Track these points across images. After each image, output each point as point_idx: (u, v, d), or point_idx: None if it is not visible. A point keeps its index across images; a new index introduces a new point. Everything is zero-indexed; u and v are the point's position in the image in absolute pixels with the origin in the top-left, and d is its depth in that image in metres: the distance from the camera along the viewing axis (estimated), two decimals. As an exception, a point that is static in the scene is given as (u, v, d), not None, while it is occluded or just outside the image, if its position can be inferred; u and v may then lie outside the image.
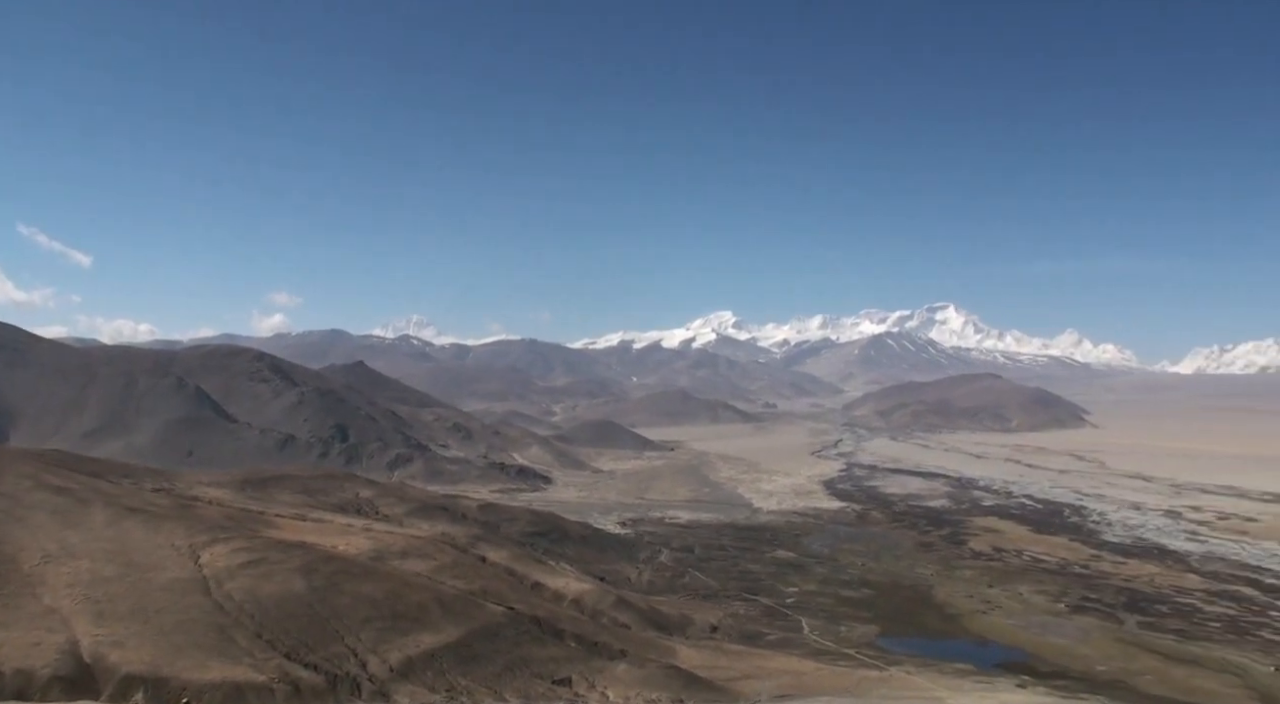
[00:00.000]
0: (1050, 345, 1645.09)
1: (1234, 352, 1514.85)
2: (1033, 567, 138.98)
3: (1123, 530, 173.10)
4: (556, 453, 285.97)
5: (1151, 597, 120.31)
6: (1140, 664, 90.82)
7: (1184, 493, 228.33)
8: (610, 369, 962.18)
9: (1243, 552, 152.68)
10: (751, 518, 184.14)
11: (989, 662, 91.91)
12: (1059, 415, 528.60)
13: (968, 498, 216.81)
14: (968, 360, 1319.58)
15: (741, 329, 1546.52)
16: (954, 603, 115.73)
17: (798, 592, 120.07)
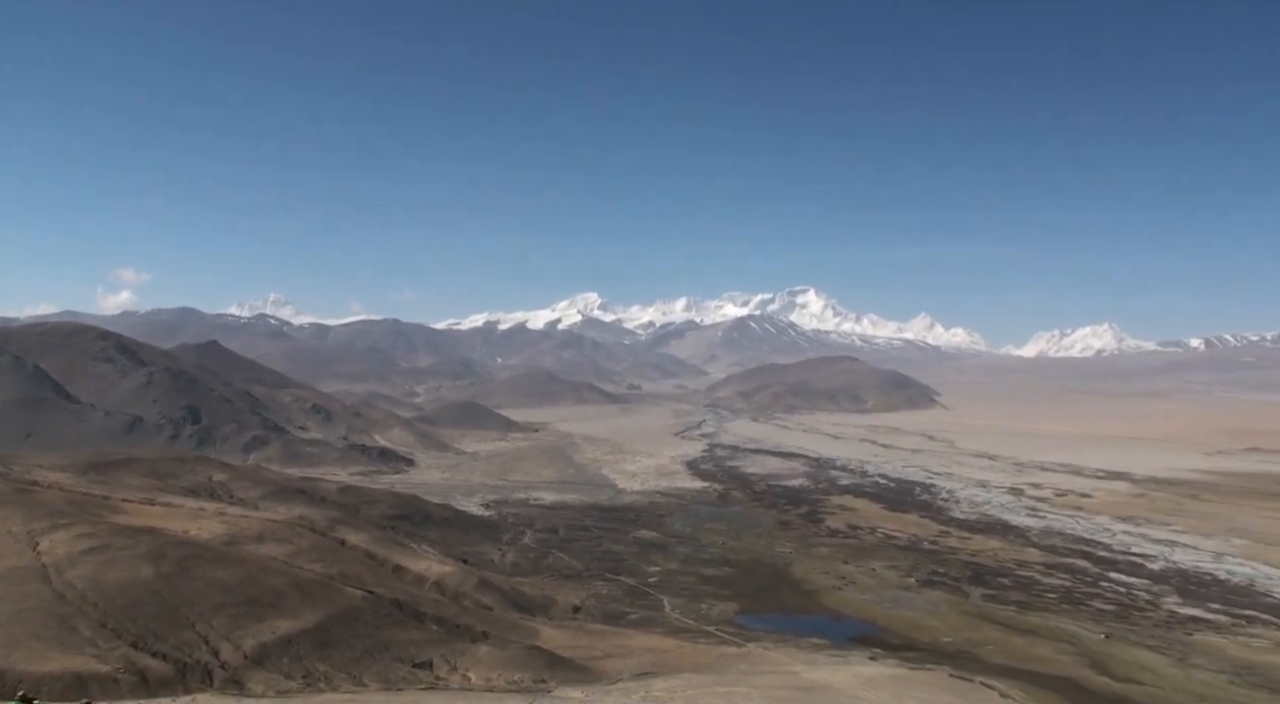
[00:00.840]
0: (905, 329, 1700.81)
1: (1073, 336, 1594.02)
2: (886, 543, 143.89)
3: (969, 507, 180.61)
4: (419, 434, 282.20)
5: (995, 570, 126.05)
6: (983, 635, 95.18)
7: (1026, 471, 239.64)
8: (475, 350, 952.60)
9: (1078, 526, 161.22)
10: (615, 498, 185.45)
11: (843, 636, 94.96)
12: (912, 396, 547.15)
13: (825, 477, 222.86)
14: (827, 343, 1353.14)
15: (607, 311, 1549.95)
16: (811, 579, 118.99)
17: (660, 571, 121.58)
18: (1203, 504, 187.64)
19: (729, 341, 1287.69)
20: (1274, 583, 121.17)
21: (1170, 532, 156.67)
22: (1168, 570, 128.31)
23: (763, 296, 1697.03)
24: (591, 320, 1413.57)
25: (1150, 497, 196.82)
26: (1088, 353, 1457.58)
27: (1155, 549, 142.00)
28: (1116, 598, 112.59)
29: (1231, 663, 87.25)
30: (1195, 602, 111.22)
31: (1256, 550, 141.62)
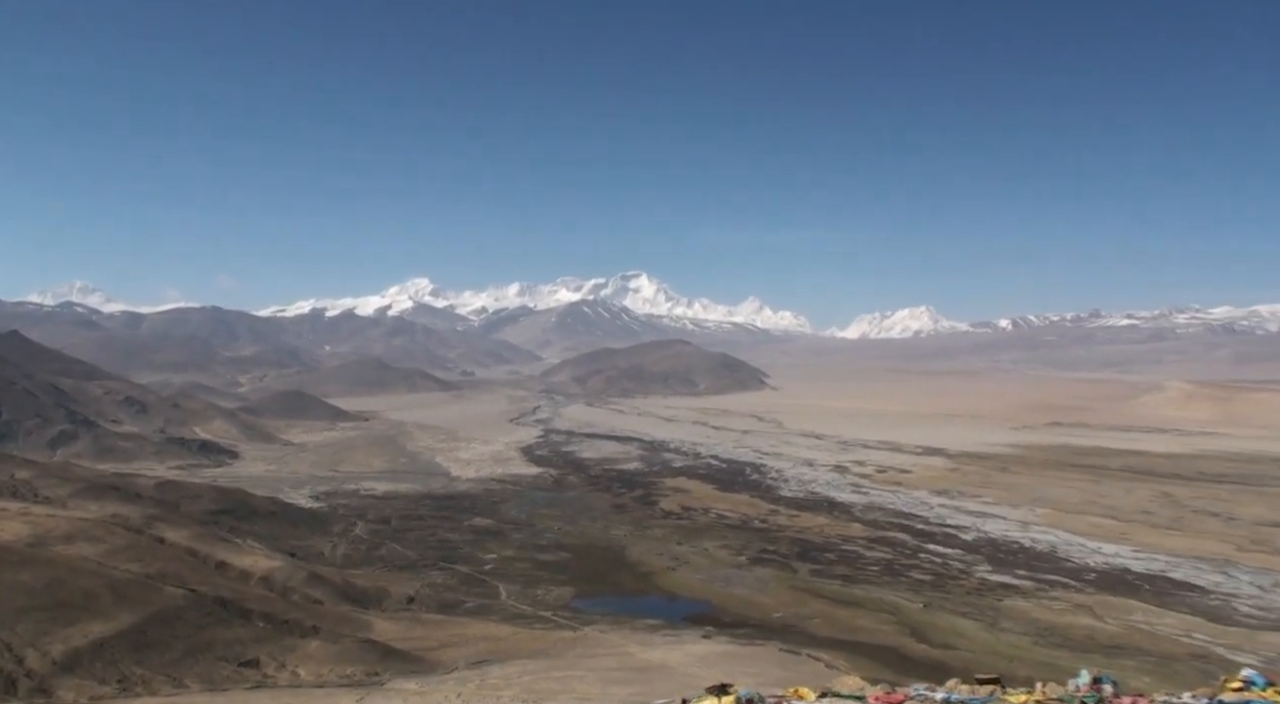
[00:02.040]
0: (734, 312, 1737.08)
1: (893, 318, 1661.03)
2: (718, 523, 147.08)
3: (797, 485, 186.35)
4: (243, 426, 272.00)
5: (821, 546, 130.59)
6: (810, 608, 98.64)
7: (850, 449, 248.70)
8: (301, 338, 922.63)
9: (898, 501, 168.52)
10: (449, 487, 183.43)
11: (678, 615, 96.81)
12: (742, 379, 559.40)
13: (659, 460, 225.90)
14: (659, 327, 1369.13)
15: (439, 297, 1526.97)
16: (646, 561, 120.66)
17: (496, 558, 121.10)
18: (1011, 476, 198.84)
19: (563, 327, 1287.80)
20: (1073, 549, 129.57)
21: (982, 503, 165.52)
22: (979, 540, 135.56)
23: (596, 281, 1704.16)
24: (423, 306, 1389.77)
25: (963, 471, 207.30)
26: (906, 334, 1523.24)
27: (968, 521, 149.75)
28: (933, 568, 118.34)
29: (1036, 625, 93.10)
30: (1004, 569, 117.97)
31: (1058, 518, 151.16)
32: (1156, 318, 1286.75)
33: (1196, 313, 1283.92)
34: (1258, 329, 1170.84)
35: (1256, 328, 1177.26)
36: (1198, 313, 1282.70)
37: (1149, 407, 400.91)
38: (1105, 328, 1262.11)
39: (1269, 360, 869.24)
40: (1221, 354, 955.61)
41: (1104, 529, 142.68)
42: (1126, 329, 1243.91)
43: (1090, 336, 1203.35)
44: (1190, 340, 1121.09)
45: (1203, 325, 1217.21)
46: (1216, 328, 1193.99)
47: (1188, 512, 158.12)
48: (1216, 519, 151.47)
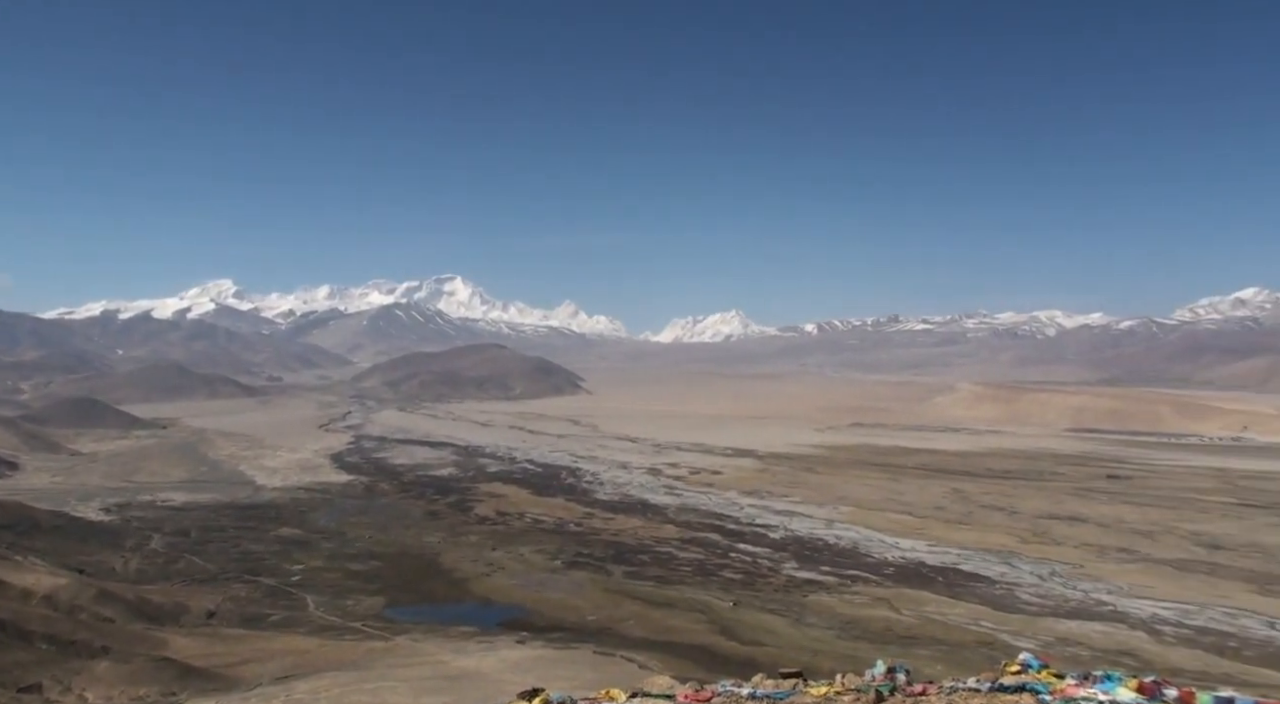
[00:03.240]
0: (550, 316, 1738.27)
1: (705, 322, 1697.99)
2: (533, 528, 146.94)
3: (612, 488, 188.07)
4: (25, 435, 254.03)
5: (635, 548, 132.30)
6: (625, 610, 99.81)
7: (664, 451, 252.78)
8: (92, 341, 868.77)
9: (710, 502, 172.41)
10: (254, 496, 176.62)
11: (492, 621, 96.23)
12: (558, 383, 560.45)
13: (474, 465, 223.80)
14: (475, 331, 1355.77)
15: (243, 299, 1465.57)
16: (460, 568, 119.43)
17: (304, 569, 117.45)
18: (816, 476, 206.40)
19: (375, 330, 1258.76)
20: (873, 544, 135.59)
21: (789, 503, 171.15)
22: (787, 539, 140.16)
23: (409, 284, 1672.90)
24: (226, 309, 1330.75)
25: (772, 471, 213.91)
26: (718, 338, 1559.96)
27: (777, 520, 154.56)
28: (744, 567, 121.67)
29: (839, 619, 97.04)
30: (810, 566, 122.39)
31: (860, 515, 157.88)
32: (949, 323, 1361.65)
33: (984, 318, 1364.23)
34: (1038, 334, 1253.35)
35: (1037, 332, 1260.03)
36: (985, 318, 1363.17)
37: (942, 407, 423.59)
38: (903, 332, 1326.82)
39: (1048, 362, 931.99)
40: (1006, 357, 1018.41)
41: (902, 525, 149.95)
42: (922, 333, 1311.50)
43: (889, 340, 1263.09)
44: (979, 344, 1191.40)
45: (990, 330, 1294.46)
46: (1002, 332, 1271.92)
47: (976, 507, 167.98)
48: (1002, 513, 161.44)
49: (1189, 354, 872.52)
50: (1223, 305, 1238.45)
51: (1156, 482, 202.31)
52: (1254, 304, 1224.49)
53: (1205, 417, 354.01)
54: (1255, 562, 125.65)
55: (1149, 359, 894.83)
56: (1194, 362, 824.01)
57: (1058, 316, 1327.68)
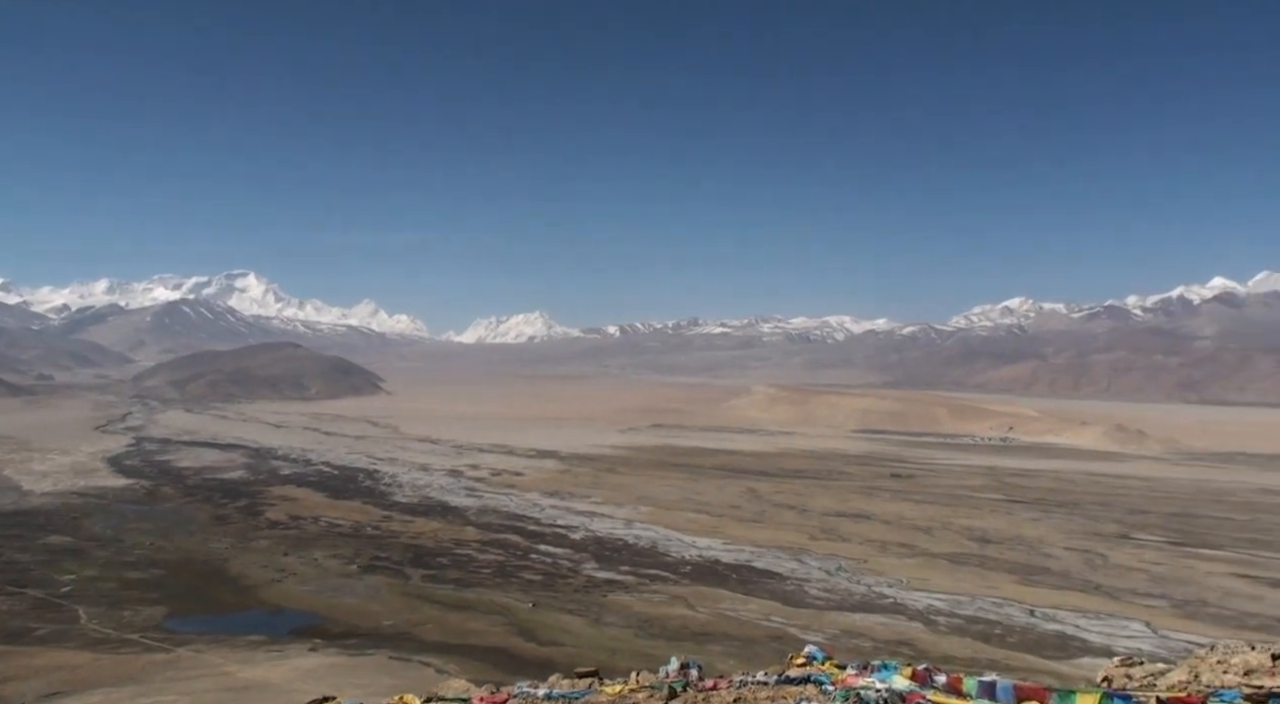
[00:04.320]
0: (349, 315, 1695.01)
1: (509, 323, 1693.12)
2: (329, 532, 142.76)
3: (411, 491, 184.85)
4: None
5: (434, 551, 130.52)
6: (423, 615, 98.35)
7: (465, 453, 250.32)
8: None
9: (511, 503, 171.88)
10: (20, 502, 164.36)
11: (283, 629, 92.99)
12: (356, 383, 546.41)
13: (266, 468, 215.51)
14: (269, 329, 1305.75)
15: (10, 292, 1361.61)
16: (249, 574, 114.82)
17: (75, 579, 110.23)
18: (617, 477, 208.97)
19: (160, 327, 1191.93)
20: (672, 544, 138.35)
21: (590, 504, 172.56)
22: (587, 539, 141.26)
23: (198, 279, 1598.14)
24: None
25: (574, 472, 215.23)
26: (521, 339, 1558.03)
27: (578, 521, 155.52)
28: (544, 568, 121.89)
29: (637, 618, 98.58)
30: (609, 566, 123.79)
31: (659, 515, 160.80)
32: (746, 327, 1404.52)
33: (779, 323, 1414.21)
34: (828, 338, 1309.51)
35: (828, 337, 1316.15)
36: (780, 323, 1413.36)
37: (739, 409, 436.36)
38: (702, 335, 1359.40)
39: (837, 366, 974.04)
40: (799, 360, 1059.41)
41: (699, 524, 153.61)
42: (720, 336, 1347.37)
43: (689, 343, 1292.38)
44: (773, 348, 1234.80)
45: (784, 334, 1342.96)
46: (795, 336, 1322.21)
47: (770, 505, 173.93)
48: (793, 512, 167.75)
49: (964, 359, 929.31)
50: (993, 313, 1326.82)
51: (934, 480, 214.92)
52: (1020, 313, 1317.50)
53: (977, 418, 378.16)
54: (1019, 554, 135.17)
55: (928, 363, 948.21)
56: (968, 366, 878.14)
57: (846, 322, 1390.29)
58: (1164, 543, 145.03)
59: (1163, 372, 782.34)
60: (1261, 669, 29.35)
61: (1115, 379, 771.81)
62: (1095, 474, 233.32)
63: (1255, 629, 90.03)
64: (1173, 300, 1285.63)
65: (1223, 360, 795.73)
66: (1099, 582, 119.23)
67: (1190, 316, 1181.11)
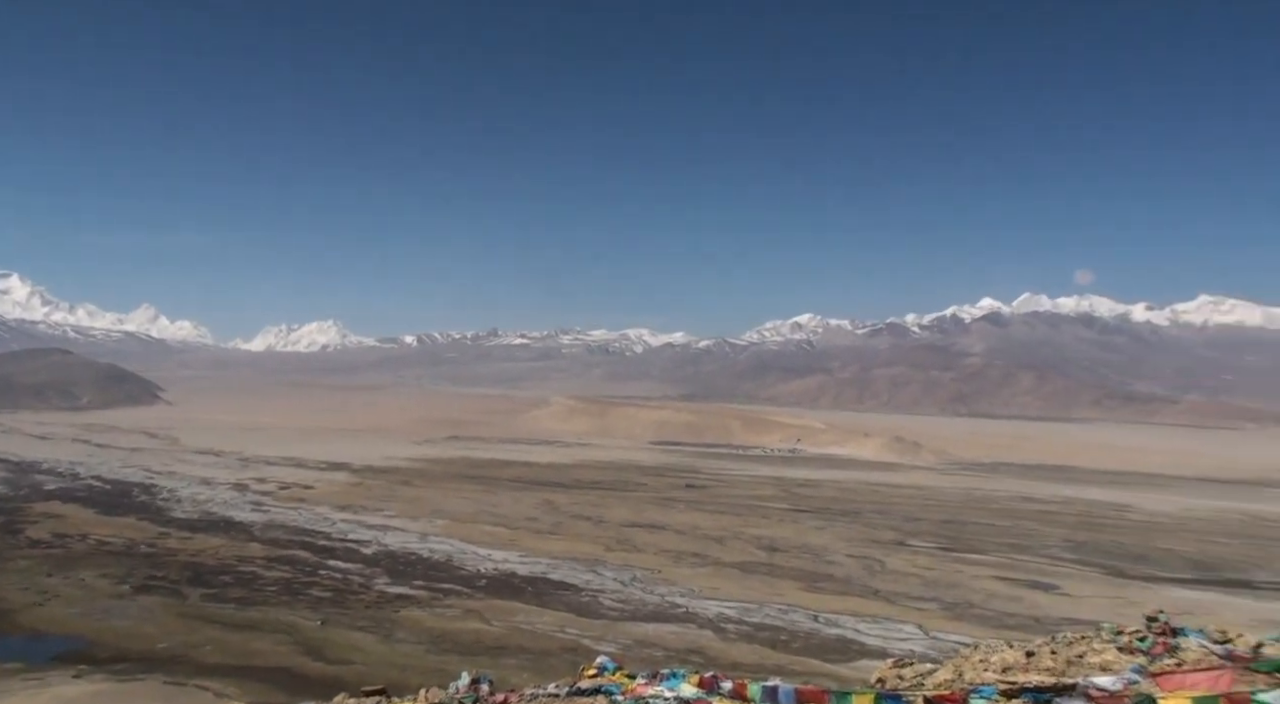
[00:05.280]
0: (126, 320, 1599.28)
1: (300, 331, 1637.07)
2: (98, 550, 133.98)
3: (192, 506, 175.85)
4: None
5: (216, 569, 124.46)
6: (201, 636, 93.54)
7: (252, 465, 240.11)
8: None
9: (300, 518, 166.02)
10: None
11: (44, 656, 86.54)
12: (133, 392, 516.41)
13: (28, 483, 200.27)
14: (34, 334, 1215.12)
15: None
16: (6, 598, 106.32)
17: None
18: (413, 489, 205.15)
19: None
20: (467, 557, 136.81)
21: (384, 517, 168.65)
22: (380, 554, 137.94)
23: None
24: None
25: (367, 485, 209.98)
26: (314, 348, 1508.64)
27: (370, 535, 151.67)
28: (334, 584, 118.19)
29: (430, 633, 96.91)
30: (402, 581, 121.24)
31: (455, 528, 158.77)
32: (545, 338, 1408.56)
33: (579, 335, 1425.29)
34: (627, 351, 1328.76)
35: (626, 350, 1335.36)
36: (580, 335, 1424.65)
37: (538, 420, 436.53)
38: (502, 346, 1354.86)
39: (635, 378, 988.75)
40: (598, 372, 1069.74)
41: (495, 537, 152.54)
42: (520, 348, 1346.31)
43: (489, 354, 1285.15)
44: (573, 359, 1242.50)
45: (583, 346, 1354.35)
46: (595, 348, 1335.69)
47: (567, 517, 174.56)
48: (589, 523, 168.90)
49: (756, 372, 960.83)
50: (783, 328, 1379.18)
51: (727, 490, 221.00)
52: (809, 328, 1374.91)
53: (767, 430, 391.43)
54: (805, 561, 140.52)
55: (723, 376, 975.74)
56: (760, 379, 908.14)
57: (645, 335, 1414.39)
58: (935, 549, 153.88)
59: (937, 386, 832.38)
60: (1017, 665, 31.65)
61: (895, 393, 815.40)
62: (875, 484, 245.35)
63: (1014, 628, 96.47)
64: (946, 319, 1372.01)
65: (989, 376, 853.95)
66: (877, 587, 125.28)
67: (962, 334, 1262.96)
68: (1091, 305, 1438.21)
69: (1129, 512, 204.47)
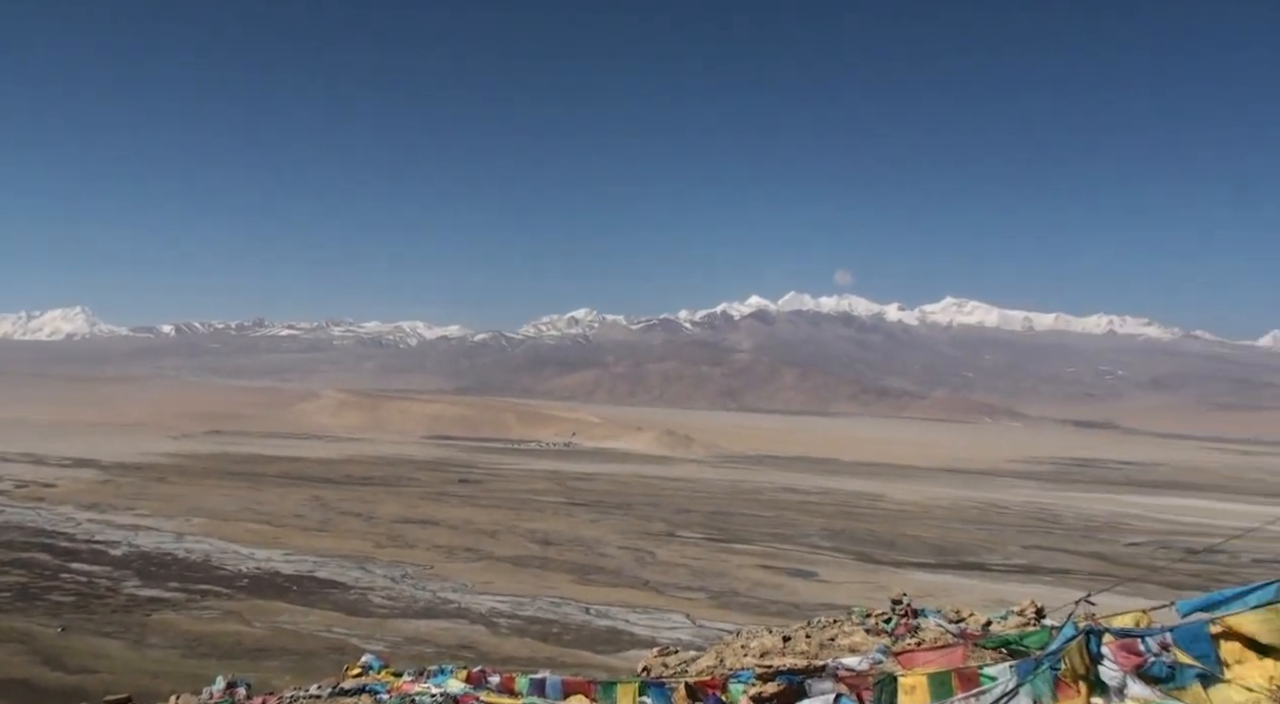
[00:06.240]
0: None
1: (42, 318, 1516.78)
2: None
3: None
4: None
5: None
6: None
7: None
8: None
9: (39, 518, 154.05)
10: None
11: None
12: None
13: None
14: None
15: None
16: None
17: None
18: (168, 487, 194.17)
19: None
20: (228, 556, 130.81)
21: (135, 516, 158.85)
22: (131, 555, 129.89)
23: None
24: None
25: (117, 482, 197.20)
26: (59, 337, 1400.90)
27: (120, 535, 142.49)
28: (77, 588, 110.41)
29: (185, 637, 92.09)
30: (155, 583, 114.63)
31: (214, 527, 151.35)
32: (316, 329, 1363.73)
33: (351, 326, 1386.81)
34: (401, 343, 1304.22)
35: (401, 342, 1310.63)
36: (352, 326, 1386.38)
37: (307, 414, 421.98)
38: (269, 337, 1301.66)
39: (410, 371, 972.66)
40: (371, 365, 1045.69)
41: (259, 535, 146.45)
42: (288, 339, 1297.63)
43: (255, 345, 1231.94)
44: (344, 351, 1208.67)
45: (356, 338, 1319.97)
46: (368, 341, 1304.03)
47: (336, 513, 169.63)
48: (360, 519, 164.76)
49: (533, 366, 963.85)
50: (560, 323, 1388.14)
51: (502, 484, 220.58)
52: (585, 323, 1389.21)
53: (544, 424, 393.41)
54: (578, 554, 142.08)
55: (499, 370, 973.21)
56: (536, 373, 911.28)
57: (420, 327, 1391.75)
58: (704, 539, 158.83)
59: (708, 381, 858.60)
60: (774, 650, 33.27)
61: (667, 387, 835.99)
62: (648, 477, 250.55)
63: (775, 615, 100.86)
64: (717, 315, 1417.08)
65: (756, 372, 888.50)
66: (648, 578, 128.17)
67: (731, 331, 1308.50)
68: (850, 305, 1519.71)
69: (881, 501, 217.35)
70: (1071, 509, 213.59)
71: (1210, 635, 11.37)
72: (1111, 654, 12.28)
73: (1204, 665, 11.34)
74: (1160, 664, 11.78)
